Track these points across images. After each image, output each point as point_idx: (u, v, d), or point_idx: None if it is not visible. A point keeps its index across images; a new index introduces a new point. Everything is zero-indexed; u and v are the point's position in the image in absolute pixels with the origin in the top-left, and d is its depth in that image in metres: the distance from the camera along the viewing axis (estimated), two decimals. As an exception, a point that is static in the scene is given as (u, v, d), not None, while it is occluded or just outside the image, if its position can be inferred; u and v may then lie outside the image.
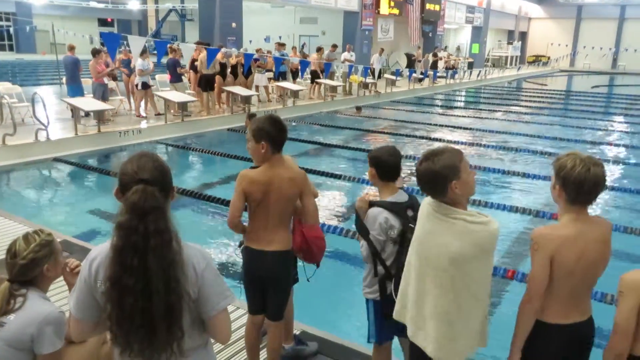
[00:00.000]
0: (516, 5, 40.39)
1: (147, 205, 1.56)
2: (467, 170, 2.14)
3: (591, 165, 2.06)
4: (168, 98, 11.23)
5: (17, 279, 2.17)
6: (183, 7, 39.07)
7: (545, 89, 25.65)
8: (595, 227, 2.14)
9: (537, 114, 16.52)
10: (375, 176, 2.74)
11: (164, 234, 1.58)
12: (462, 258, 2.08)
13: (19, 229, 5.14)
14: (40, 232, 2.26)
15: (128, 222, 1.55)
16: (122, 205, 1.59)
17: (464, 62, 29.70)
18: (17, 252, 2.16)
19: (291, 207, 2.89)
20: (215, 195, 6.94)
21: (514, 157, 10.15)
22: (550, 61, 40.54)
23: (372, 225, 2.66)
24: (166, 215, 1.61)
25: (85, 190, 8.02)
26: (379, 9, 23.88)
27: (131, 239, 1.55)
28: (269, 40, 27.77)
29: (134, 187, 1.59)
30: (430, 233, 2.16)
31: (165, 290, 1.58)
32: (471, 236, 2.08)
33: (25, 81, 17.74)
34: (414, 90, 20.89)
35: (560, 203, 2.16)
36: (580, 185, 2.05)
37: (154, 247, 1.55)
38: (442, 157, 2.11)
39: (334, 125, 13.19)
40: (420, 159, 2.17)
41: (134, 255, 1.54)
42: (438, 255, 2.12)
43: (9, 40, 34.85)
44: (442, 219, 2.12)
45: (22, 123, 9.84)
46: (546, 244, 2.08)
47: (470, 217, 2.10)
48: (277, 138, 2.74)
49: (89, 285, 1.69)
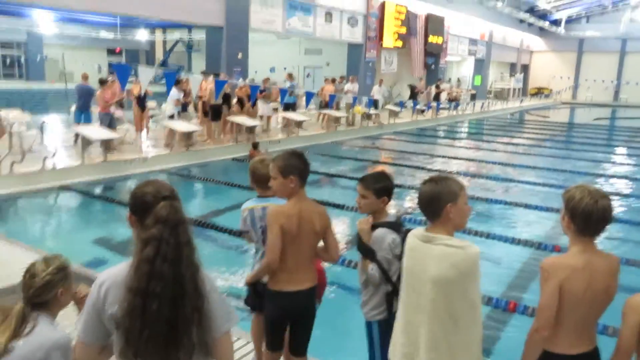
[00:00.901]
0: (518, 39, 41.01)
1: (177, 217, 1.70)
2: (465, 200, 2.25)
3: (599, 197, 2.15)
4: (174, 127, 11.39)
5: (32, 301, 2.22)
6: (190, 38, 39.83)
7: (547, 121, 25.85)
8: (603, 259, 2.20)
9: (539, 145, 16.63)
10: (373, 200, 2.78)
11: (192, 244, 1.73)
12: (442, 281, 2.15)
13: (24, 256, 5.18)
14: (58, 256, 2.34)
15: (160, 233, 1.67)
16: (151, 220, 1.70)
17: (466, 94, 30.02)
18: (35, 273, 2.23)
19: (318, 242, 2.89)
20: (219, 224, 6.99)
21: (516, 188, 10.20)
22: (553, 94, 40.96)
23: (380, 246, 2.72)
24: (190, 227, 1.75)
25: (90, 219, 8.08)
26: (383, 41, 24.32)
27: (162, 248, 1.66)
28: (274, 70, 28.22)
29: (161, 203, 1.73)
30: (415, 261, 2.25)
31: (194, 292, 1.69)
32: (449, 259, 2.15)
33: (34, 109, 18.01)
34: (416, 122, 21.09)
35: (569, 234, 2.24)
36: (589, 216, 2.13)
37: (186, 256, 1.68)
38: (445, 181, 2.26)
39: (337, 156, 13.31)
40: (425, 181, 2.32)
41: (164, 263, 1.65)
42: (420, 280, 2.20)
43: (19, 69, 35.49)
44: (425, 246, 2.21)
45: (30, 151, 9.97)
46: (556, 273, 2.15)
47: (450, 241, 2.19)
48: (304, 172, 2.81)
49: (97, 309, 1.75)
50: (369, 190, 2.79)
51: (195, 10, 15.76)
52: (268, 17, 18.18)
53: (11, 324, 2.14)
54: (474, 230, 6.69)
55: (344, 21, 22.17)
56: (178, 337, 1.66)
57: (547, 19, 40.29)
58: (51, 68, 34.43)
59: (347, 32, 22.53)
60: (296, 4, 19.28)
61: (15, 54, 34.29)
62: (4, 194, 8.23)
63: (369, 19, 23.34)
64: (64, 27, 33.59)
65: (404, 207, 8.70)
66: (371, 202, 2.79)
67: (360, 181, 2.86)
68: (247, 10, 17.03)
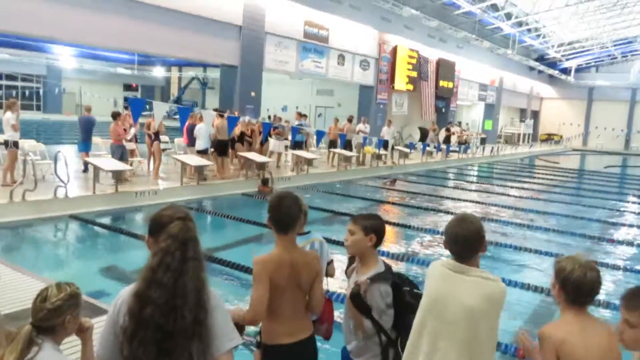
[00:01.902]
0: (528, 85, 41.49)
1: (187, 235, 1.82)
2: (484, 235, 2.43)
3: (587, 270, 2.23)
4: (185, 161, 11.52)
5: (39, 324, 2.22)
6: (205, 76, 40.74)
7: (557, 167, 25.81)
8: (596, 325, 2.25)
9: (549, 191, 16.56)
10: (361, 237, 2.74)
11: (200, 260, 1.82)
12: (476, 311, 2.25)
13: (30, 283, 5.18)
14: (71, 284, 2.35)
15: (167, 246, 1.78)
16: (163, 236, 1.81)
17: (476, 137, 30.20)
18: (47, 297, 2.24)
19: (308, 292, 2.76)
20: (227, 259, 6.96)
21: (526, 233, 10.10)
22: (563, 140, 41.09)
23: (376, 300, 2.66)
24: (200, 245, 1.86)
25: (97, 248, 8.09)
26: (394, 84, 24.70)
27: (166, 259, 1.76)
28: (286, 109, 28.68)
29: (174, 222, 1.85)
30: (447, 291, 2.32)
31: (196, 305, 1.75)
32: (483, 290, 2.26)
33: (48, 140, 18.33)
34: (426, 163, 21.17)
35: (560, 301, 2.31)
36: (579, 288, 2.22)
37: (192, 269, 1.77)
38: (475, 220, 2.39)
39: (346, 194, 13.33)
40: (457, 221, 2.40)
41: (166, 272, 1.73)
42: (454, 310, 2.28)
43: (37, 101, 36.32)
44: (457, 276, 2.32)
45: (42, 180, 10.10)
46: (552, 338, 2.20)
47: (483, 274, 2.32)
48: (278, 220, 2.71)
49: (113, 321, 1.84)
50: (357, 225, 2.76)
51: (212, 50, 16.19)
52: (282, 58, 18.60)
53: (18, 347, 2.13)
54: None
55: (356, 64, 22.62)
56: (172, 347, 1.71)
57: (557, 67, 40.86)
58: (68, 101, 35.26)
59: (359, 74, 22.95)
60: (310, 46, 19.74)
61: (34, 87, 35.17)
62: (15, 220, 8.30)
63: (380, 63, 23.79)
64: (83, 62, 34.54)
65: (411, 247, 8.63)
66: (359, 239, 2.74)
67: (351, 219, 2.86)
68: (261, 51, 17.46)
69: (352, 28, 21.39)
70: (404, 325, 2.67)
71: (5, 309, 4.28)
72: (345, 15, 20.41)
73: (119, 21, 13.41)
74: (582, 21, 31.81)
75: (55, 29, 12.47)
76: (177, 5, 14.57)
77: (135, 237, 8.04)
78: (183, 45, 15.33)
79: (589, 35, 35.66)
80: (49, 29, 12.48)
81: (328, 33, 20.40)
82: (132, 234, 8.21)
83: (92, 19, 12.85)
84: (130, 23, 13.66)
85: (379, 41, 23.53)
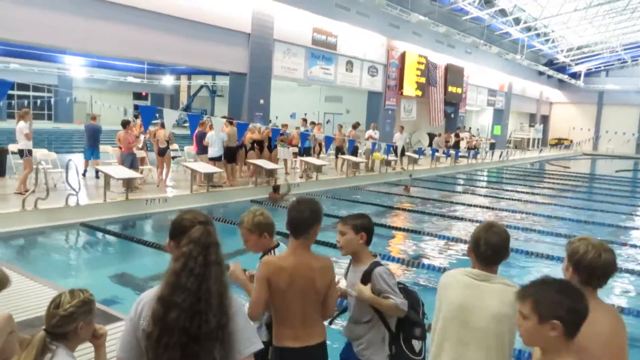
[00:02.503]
0: (537, 90, 41.30)
1: (209, 240, 1.83)
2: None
3: (602, 251, 2.20)
4: (194, 169, 11.57)
5: (53, 331, 2.23)
6: (214, 84, 40.97)
7: (568, 172, 25.63)
8: (606, 311, 2.22)
9: (560, 196, 16.44)
10: (352, 236, 2.82)
11: (222, 264, 1.84)
12: (503, 316, 2.28)
13: (42, 290, 5.22)
14: (85, 291, 2.36)
15: (190, 251, 1.79)
16: (185, 241, 1.82)
17: (485, 142, 30.09)
18: (60, 304, 2.25)
19: (321, 298, 2.75)
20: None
21: (537, 238, 10.03)
22: (573, 144, 40.78)
23: (385, 280, 2.73)
24: (221, 249, 1.87)
25: (108, 256, 8.13)
26: (402, 90, 24.69)
27: (189, 264, 1.77)
28: (295, 116, 28.75)
29: (195, 226, 1.86)
30: (473, 299, 2.34)
31: (219, 309, 1.77)
32: (508, 296, 2.25)
33: (60, 148, 18.50)
34: (436, 169, 21.10)
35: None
36: (593, 270, 2.19)
37: (214, 273, 1.79)
38: (503, 228, 2.44)
39: (355, 200, 13.31)
40: (485, 229, 2.43)
41: (190, 277, 1.74)
42: (482, 318, 2.31)
43: (49, 110, 36.69)
44: (483, 285, 2.35)
45: (54, 188, 10.18)
46: None
47: (507, 281, 2.38)
48: (291, 223, 2.78)
49: (134, 324, 1.85)
50: (347, 225, 2.84)
51: (221, 58, 16.28)
52: (290, 65, 18.67)
53: (32, 353, 2.14)
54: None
55: (364, 70, 22.65)
56: (196, 351, 1.72)
57: (566, 71, 40.67)
58: (79, 110, 35.59)
59: (367, 80, 22.97)
60: (318, 53, 19.80)
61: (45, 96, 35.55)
62: (28, 229, 8.38)
63: (389, 69, 23.80)
64: (93, 71, 34.90)
65: (422, 252, 8.59)
66: (350, 238, 2.82)
67: (340, 220, 2.91)
68: (270, 58, 17.53)
69: (360, 35, 21.44)
70: (404, 319, 2.79)
71: (19, 316, 4.31)
72: (354, 22, 20.47)
73: (129, 30, 13.54)
74: (592, 25, 31.65)
75: (65, 38, 12.61)
76: (186, 13, 14.69)
77: (146, 245, 8.08)
78: (192, 54, 15.44)
79: (599, 40, 35.48)
80: (59, 39, 12.62)
81: (336, 40, 20.47)
82: (143, 242, 8.25)
83: (102, 28, 12.98)
84: (139, 32, 13.78)
85: (387, 47, 23.56)
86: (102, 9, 12.79)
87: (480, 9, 25.58)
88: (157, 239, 8.66)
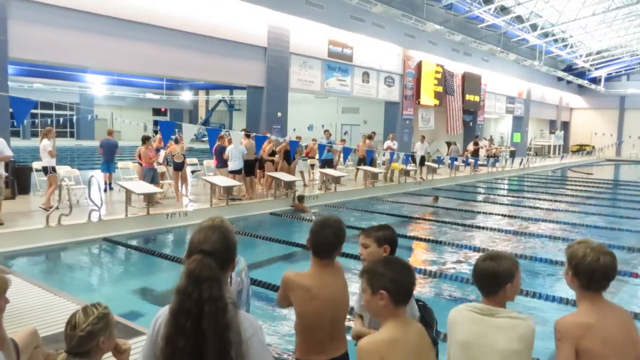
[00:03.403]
0: (557, 96, 40.82)
1: (203, 274, 1.69)
2: (519, 278, 2.29)
3: (601, 254, 2.17)
4: (214, 182, 11.64)
5: (74, 351, 2.24)
6: (232, 98, 41.39)
7: (591, 178, 25.18)
8: (614, 312, 2.20)
9: (583, 203, 16.15)
10: (375, 249, 2.75)
11: (219, 301, 1.68)
12: (510, 352, 2.16)
13: (66, 305, 5.27)
14: (98, 305, 2.36)
15: (184, 287, 1.69)
16: (182, 272, 1.73)
17: (505, 150, 29.77)
18: (76, 324, 2.26)
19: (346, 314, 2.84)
20: (257, 278, 6.95)
21: (562, 246, 9.84)
22: (595, 150, 40.11)
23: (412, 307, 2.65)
24: (221, 284, 1.73)
25: (130, 270, 8.19)
26: (420, 99, 24.62)
27: (185, 303, 1.67)
28: (312, 128, 28.84)
29: (194, 256, 1.76)
30: (479, 335, 2.23)
31: (222, 348, 1.67)
32: (517, 331, 2.17)
33: (82, 165, 18.82)
34: (455, 178, 20.92)
35: (574, 289, 2.25)
36: (591, 274, 2.15)
37: (208, 313, 1.66)
38: (504, 261, 2.26)
39: (374, 211, 13.24)
40: (484, 257, 2.31)
41: (188, 319, 1.66)
42: (486, 353, 2.19)
43: (71, 128, 37.43)
44: (486, 319, 2.22)
45: (77, 204, 10.34)
46: (569, 333, 2.14)
47: (512, 314, 2.23)
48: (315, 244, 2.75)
49: (152, 341, 1.82)
50: (369, 237, 2.77)
51: (238, 72, 16.45)
52: (307, 77, 18.77)
53: None
54: (520, 288, 6.42)
55: (380, 80, 22.66)
56: None
57: (586, 77, 40.14)
58: (100, 127, 36.20)
59: (384, 91, 22.97)
60: (334, 65, 19.89)
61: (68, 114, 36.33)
62: (52, 244, 8.50)
63: (405, 78, 23.78)
64: (113, 89, 35.57)
65: (444, 264, 8.49)
66: (373, 250, 2.74)
67: (362, 231, 2.84)
68: (287, 71, 17.66)
69: (376, 45, 21.49)
70: None
71: (44, 331, 4.35)
72: (369, 33, 20.53)
73: (148, 47, 13.78)
74: (611, 29, 31.25)
75: (86, 57, 12.89)
76: (203, 30, 14.91)
77: (167, 259, 8.13)
78: (210, 69, 15.64)
79: (618, 43, 34.99)
80: (80, 58, 12.90)
81: (352, 51, 20.54)
82: (164, 255, 8.31)
83: (121, 47, 13.24)
84: (158, 49, 14.02)
85: (403, 57, 23.56)
86: (121, 27, 13.06)
87: (496, 17, 25.46)
88: (178, 253, 8.71)
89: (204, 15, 14.87)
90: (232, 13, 15.59)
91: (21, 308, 5.00)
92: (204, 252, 1.78)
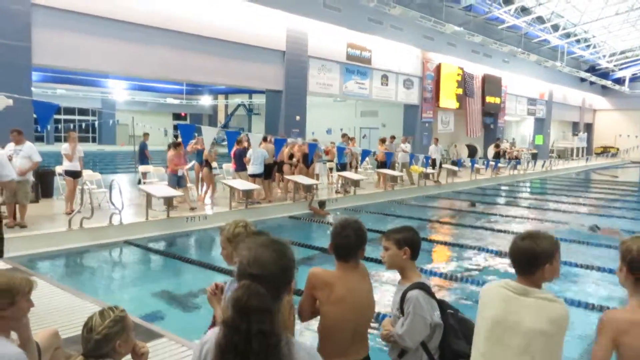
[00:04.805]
0: (579, 97, 40.14)
1: (250, 304, 1.49)
2: (558, 259, 2.26)
3: None
4: (233, 186, 11.67)
5: (91, 354, 2.23)
6: (250, 102, 41.61)
7: (617, 181, 24.66)
8: None
9: (609, 206, 15.81)
10: (395, 251, 2.71)
11: (269, 337, 1.49)
12: (538, 333, 2.12)
13: (87, 307, 5.30)
14: (114, 308, 2.35)
15: (231, 321, 1.51)
16: (228, 301, 1.56)
17: (527, 153, 29.35)
18: (93, 327, 2.25)
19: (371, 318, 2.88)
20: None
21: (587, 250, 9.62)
22: (620, 152, 39.30)
23: (422, 306, 2.58)
24: (273, 316, 1.52)
25: (151, 273, 8.25)
26: (439, 102, 24.42)
27: (233, 339, 1.49)
28: (331, 132, 28.81)
29: (241, 282, 1.56)
30: (508, 314, 2.20)
31: None
32: (547, 313, 2.13)
33: (104, 169, 19.08)
34: (476, 181, 20.67)
35: (627, 285, 2.17)
36: None
37: (257, 350, 1.47)
38: (544, 241, 2.24)
39: (394, 215, 13.13)
40: (522, 236, 2.28)
41: (236, 356, 1.49)
42: (513, 332, 2.16)
43: (93, 133, 38.02)
44: (519, 299, 2.19)
45: (98, 207, 10.45)
46: (610, 326, 2.08)
47: (545, 295, 2.19)
48: (338, 244, 2.74)
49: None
50: (389, 240, 2.74)
51: (257, 76, 16.51)
52: (326, 81, 18.76)
53: None
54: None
55: (399, 83, 22.54)
56: None
57: (610, 77, 39.38)
58: (121, 132, 36.73)
59: (402, 93, 22.84)
60: (353, 68, 19.84)
61: (90, 119, 36.88)
62: (74, 247, 8.59)
63: (424, 81, 23.62)
64: (134, 94, 36.05)
65: (467, 268, 8.36)
66: (393, 253, 2.72)
67: (383, 234, 2.82)
68: (305, 74, 17.67)
69: (394, 48, 21.39)
70: (445, 347, 2.64)
71: (65, 333, 4.37)
72: (387, 36, 20.44)
73: (168, 52, 13.91)
74: (635, 29, 30.65)
75: (107, 62, 13.05)
76: (222, 34, 15.00)
77: (187, 262, 8.17)
78: (229, 73, 15.72)
79: (643, 43, 34.32)
80: (101, 63, 13.07)
81: (371, 54, 20.48)
82: (184, 258, 8.34)
83: (142, 52, 13.38)
84: (178, 54, 14.15)
85: (422, 59, 23.41)
86: (141, 33, 13.21)
87: (516, 17, 25.15)
88: (197, 256, 8.74)
89: (222, 20, 14.97)
90: (251, 17, 15.66)
91: (43, 309, 5.04)
92: (252, 276, 1.56)
